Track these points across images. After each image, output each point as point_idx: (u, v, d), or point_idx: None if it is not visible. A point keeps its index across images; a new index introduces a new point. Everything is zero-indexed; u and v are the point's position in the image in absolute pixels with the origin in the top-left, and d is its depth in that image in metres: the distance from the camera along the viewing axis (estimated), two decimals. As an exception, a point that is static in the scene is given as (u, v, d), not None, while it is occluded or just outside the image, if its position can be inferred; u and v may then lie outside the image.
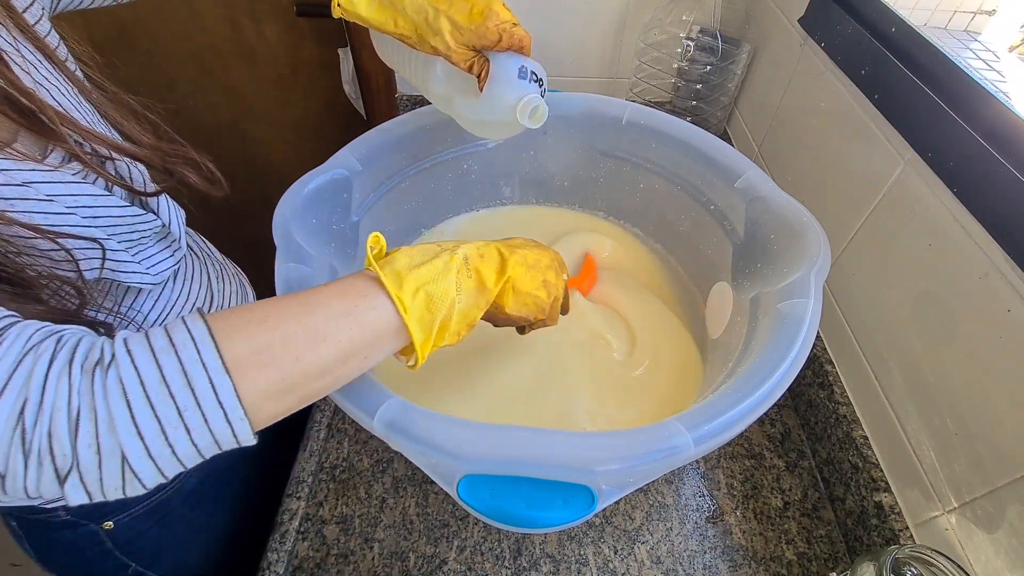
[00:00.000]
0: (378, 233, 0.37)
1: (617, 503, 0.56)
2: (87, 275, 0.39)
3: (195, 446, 0.28)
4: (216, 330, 0.29)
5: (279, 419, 0.32)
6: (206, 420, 0.28)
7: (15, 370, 0.26)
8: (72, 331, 0.29)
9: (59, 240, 0.36)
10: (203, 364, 0.28)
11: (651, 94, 0.94)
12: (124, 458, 0.26)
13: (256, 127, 1.20)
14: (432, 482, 0.56)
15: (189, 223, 0.52)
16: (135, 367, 0.27)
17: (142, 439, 0.27)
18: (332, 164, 0.55)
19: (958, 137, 0.45)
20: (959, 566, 0.39)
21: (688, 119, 0.74)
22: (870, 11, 0.58)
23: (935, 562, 0.39)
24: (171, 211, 0.47)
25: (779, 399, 0.39)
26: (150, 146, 0.43)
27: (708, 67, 0.84)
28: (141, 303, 0.47)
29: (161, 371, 0.27)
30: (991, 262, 0.43)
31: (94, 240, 0.39)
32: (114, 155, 0.41)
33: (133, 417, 0.26)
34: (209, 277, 0.56)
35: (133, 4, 0.97)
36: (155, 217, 0.44)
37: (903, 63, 0.52)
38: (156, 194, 0.45)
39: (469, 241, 0.41)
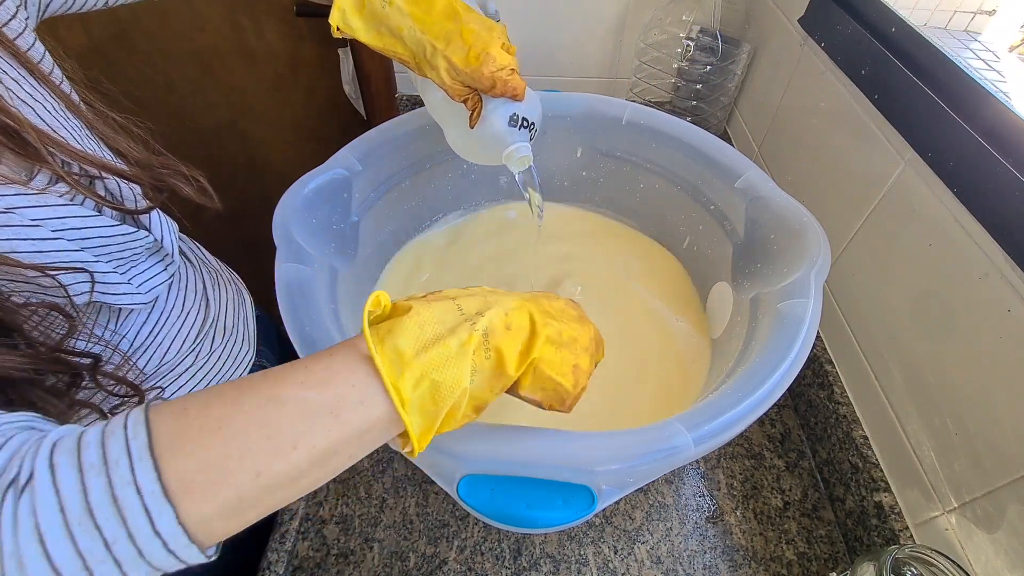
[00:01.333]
0: (381, 292, 0.31)
1: (617, 503, 0.56)
2: (77, 300, 0.38)
3: None
4: (158, 440, 0.24)
5: (233, 535, 0.27)
6: (140, 552, 0.23)
7: None
8: (2, 430, 0.26)
9: (48, 272, 0.34)
10: (136, 488, 0.23)
11: (651, 94, 0.94)
12: None
13: (256, 127, 1.20)
14: (432, 482, 0.56)
15: (185, 228, 0.52)
16: (56, 490, 0.23)
17: None
18: (332, 164, 0.55)
19: (958, 137, 0.45)
20: (959, 566, 0.39)
21: (688, 119, 0.74)
22: (870, 11, 0.58)
23: (935, 562, 0.39)
24: (163, 225, 0.46)
25: (779, 399, 0.39)
26: (140, 161, 0.42)
27: (708, 67, 0.84)
28: (134, 319, 0.47)
29: (86, 496, 0.23)
30: (991, 262, 0.43)
31: (82, 269, 0.38)
32: (103, 175, 0.40)
33: (48, 555, 0.22)
34: (204, 285, 0.56)
35: (132, 4, 0.97)
36: (147, 233, 0.44)
37: (903, 63, 0.52)
38: (147, 211, 0.43)
39: (497, 296, 0.34)
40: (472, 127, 0.46)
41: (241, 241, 1.05)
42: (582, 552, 0.53)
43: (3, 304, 0.32)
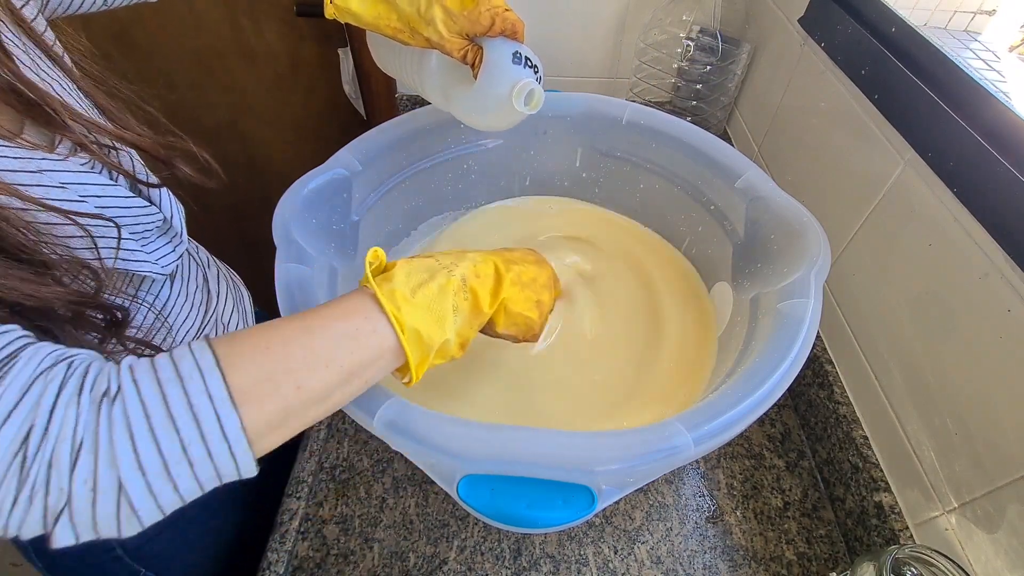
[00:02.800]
0: (377, 248, 0.37)
1: (617, 503, 0.56)
2: (105, 259, 0.39)
3: (197, 480, 0.28)
4: (222, 358, 0.28)
5: (277, 446, 0.31)
6: (210, 454, 0.27)
7: (24, 395, 0.25)
8: (83, 356, 0.29)
9: (79, 220, 0.36)
10: (209, 396, 0.27)
11: (651, 94, 0.94)
12: (124, 494, 0.26)
13: (256, 127, 1.20)
14: (432, 482, 0.56)
15: (187, 226, 0.52)
16: (140, 399, 0.26)
17: (144, 475, 0.26)
18: (332, 164, 0.55)
19: (958, 137, 0.45)
20: (959, 566, 0.39)
21: (688, 119, 0.74)
22: (870, 11, 0.58)
23: (935, 562, 0.39)
24: (172, 206, 0.48)
25: (779, 399, 0.39)
26: (148, 136, 0.44)
27: (708, 67, 0.84)
28: (144, 293, 0.48)
29: (167, 403, 0.26)
30: (991, 262, 0.43)
31: (110, 220, 0.39)
32: (116, 144, 0.41)
33: (136, 452, 0.26)
34: (206, 278, 0.57)
35: (132, 4, 0.97)
36: (157, 210, 0.45)
37: (903, 63, 0.52)
38: (158, 185, 0.45)
39: (467, 253, 0.40)
40: (476, 78, 0.45)
41: (241, 241, 1.06)
42: (582, 552, 0.53)
43: (39, 252, 0.34)
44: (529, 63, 0.46)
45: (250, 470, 0.29)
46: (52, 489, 0.25)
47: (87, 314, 0.37)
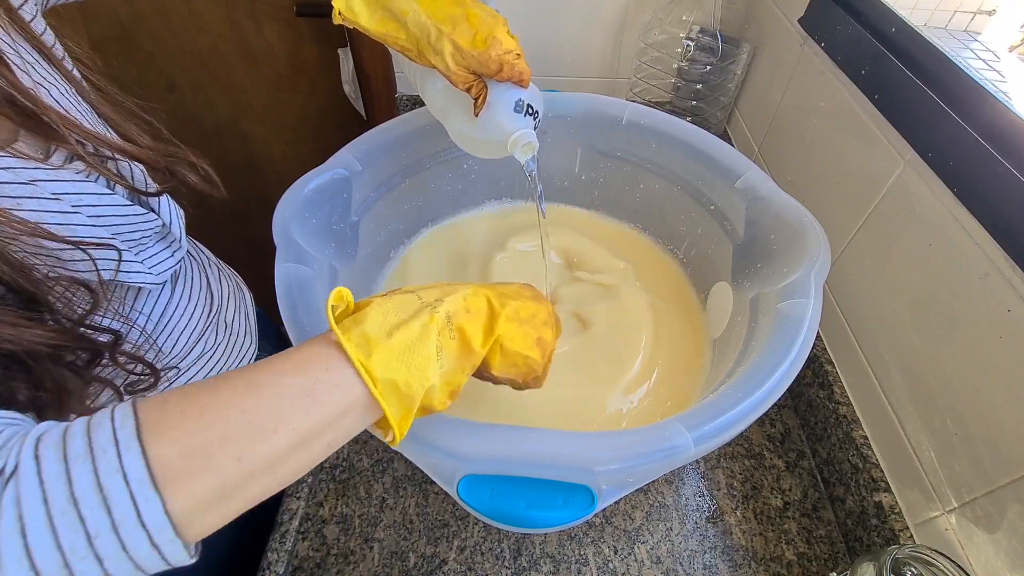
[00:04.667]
0: (342, 288, 0.32)
1: (617, 503, 0.56)
2: (104, 275, 0.39)
3: None
4: (145, 426, 0.24)
5: (217, 529, 0.26)
6: (124, 547, 0.23)
7: None
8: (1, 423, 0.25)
9: (82, 247, 0.35)
10: (123, 475, 0.23)
11: (651, 94, 0.94)
12: None
13: (256, 127, 1.20)
14: (432, 482, 0.56)
15: (187, 226, 0.52)
16: (40, 481, 0.22)
17: (37, 575, 0.22)
18: (332, 164, 0.55)
19: (958, 137, 0.45)
20: (959, 566, 0.39)
21: (688, 119, 0.74)
22: (870, 11, 0.58)
23: (935, 562, 0.39)
24: (171, 211, 0.47)
25: (779, 399, 0.39)
26: (148, 146, 0.43)
27: (708, 67, 0.84)
28: (141, 304, 0.47)
29: (71, 485, 0.22)
30: (991, 262, 0.43)
31: (111, 246, 0.39)
32: (116, 156, 0.41)
33: (28, 550, 0.21)
34: (208, 279, 0.57)
35: (133, 4, 0.97)
36: (156, 216, 0.44)
37: (903, 63, 0.52)
38: (158, 194, 0.44)
39: (455, 286, 0.36)
40: (476, 115, 0.45)
41: (241, 241, 1.06)
42: (582, 552, 0.53)
43: (30, 276, 0.33)
44: (530, 110, 0.46)
45: (180, 559, 0.25)
46: None
47: (67, 353, 0.35)
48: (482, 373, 0.37)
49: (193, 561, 0.25)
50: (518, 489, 0.37)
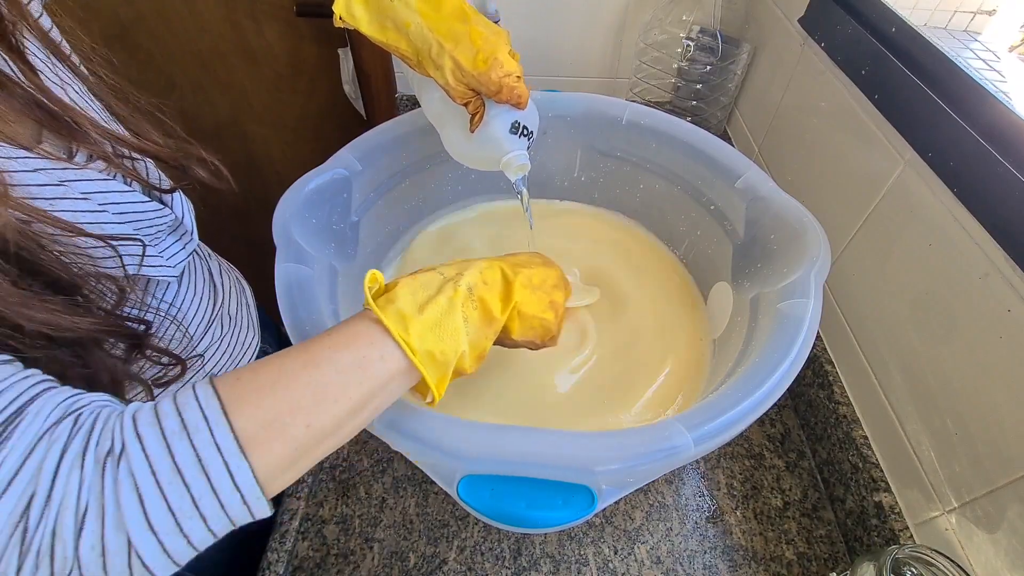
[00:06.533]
0: (375, 271, 0.36)
1: (617, 503, 0.56)
2: (129, 269, 0.39)
3: (211, 532, 0.27)
4: (227, 403, 0.28)
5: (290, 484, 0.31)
6: (223, 506, 0.27)
7: (26, 460, 0.25)
8: (92, 407, 0.28)
9: (111, 243, 0.36)
10: (217, 447, 0.26)
11: (651, 94, 0.94)
12: (135, 554, 0.25)
13: (256, 127, 1.20)
14: (432, 482, 0.56)
15: None
16: (146, 456, 0.26)
17: (155, 535, 0.25)
18: (332, 164, 0.55)
19: (958, 137, 0.45)
20: (959, 566, 0.39)
21: (688, 119, 0.74)
22: (870, 11, 0.58)
23: (935, 562, 0.39)
24: (183, 204, 0.48)
25: (779, 399, 0.39)
26: (160, 143, 0.44)
27: (708, 67, 0.84)
28: (149, 298, 0.48)
29: (173, 459, 0.26)
30: (991, 262, 0.43)
31: (137, 240, 0.39)
32: (133, 154, 0.41)
33: (146, 513, 0.25)
34: (210, 272, 0.57)
35: (133, 4, 0.97)
36: (169, 211, 0.45)
37: (903, 63, 0.52)
38: (173, 190, 0.45)
39: (471, 262, 0.39)
40: (472, 131, 0.46)
41: (242, 241, 1.05)
42: (582, 552, 0.53)
43: (71, 271, 0.34)
44: (525, 131, 0.47)
45: (264, 513, 0.29)
46: (57, 558, 0.24)
47: (108, 342, 0.37)
48: (503, 340, 0.41)
49: (272, 513, 0.29)
50: (518, 489, 0.37)
